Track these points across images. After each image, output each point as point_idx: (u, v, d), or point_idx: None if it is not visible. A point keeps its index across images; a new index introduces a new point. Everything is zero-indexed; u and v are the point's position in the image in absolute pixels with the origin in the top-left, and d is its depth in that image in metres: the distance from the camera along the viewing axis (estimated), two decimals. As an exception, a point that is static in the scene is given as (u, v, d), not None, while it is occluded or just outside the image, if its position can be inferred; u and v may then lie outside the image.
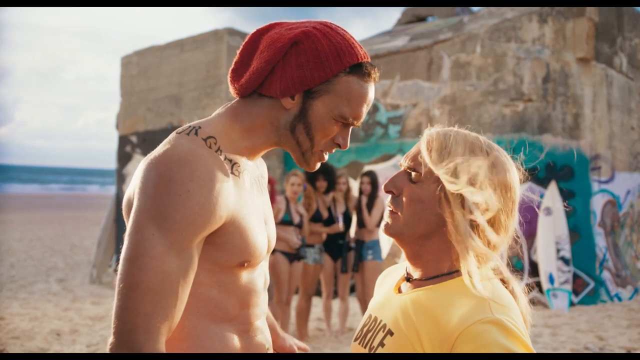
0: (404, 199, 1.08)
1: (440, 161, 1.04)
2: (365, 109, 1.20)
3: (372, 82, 1.20)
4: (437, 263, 1.07)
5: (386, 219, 1.12)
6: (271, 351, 1.27)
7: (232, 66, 1.23)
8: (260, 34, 1.21)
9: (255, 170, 1.28)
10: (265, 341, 1.24)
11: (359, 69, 1.17)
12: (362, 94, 1.18)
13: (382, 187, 1.13)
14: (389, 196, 1.12)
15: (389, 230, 1.10)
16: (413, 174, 1.08)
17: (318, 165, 1.25)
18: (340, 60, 1.15)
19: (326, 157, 1.24)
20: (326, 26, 1.19)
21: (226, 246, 1.12)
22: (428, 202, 1.05)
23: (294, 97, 1.17)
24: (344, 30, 1.20)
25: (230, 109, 1.23)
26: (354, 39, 1.20)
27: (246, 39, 1.23)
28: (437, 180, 1.04)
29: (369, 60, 1.20)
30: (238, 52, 1.23)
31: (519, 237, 1.13)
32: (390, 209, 1.10)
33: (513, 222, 1.07)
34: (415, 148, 1.12)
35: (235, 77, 1.22)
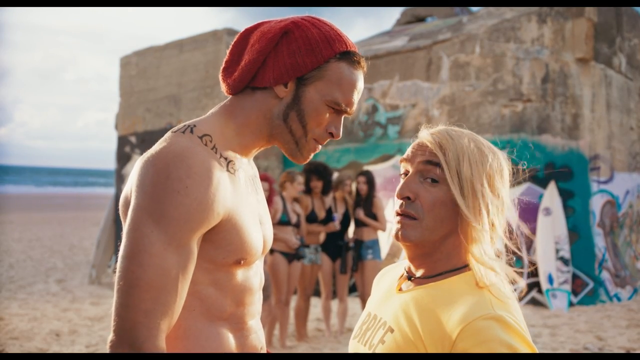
0: (421, 203, 1.06)
1: (457, 164, 1.04)
2: (356, 96, 1.22)
3: (361, 70, 1.23)
4: (446, 261, 1.07)
5: (400, 225, 1.08)
6: (264, 351, 1.27)
7: (223, 65, 1.25)
8: (249, 32, 1.23)
9: (249, 170, 1.29)
10: (258, 341, 1.24)
11: (349, 56, 1.20)
12: (353, 80, 1.21)
13: (396, 194, 1.09)
14: (389, 199, 1.11)
15: (408, 238, 1.06)
16: (430, 177, 1.06)
17: (310, 157, 1.25)
18: (330, 47, 1.18)
19: (319, 148, 1.25)
20: (314, 18, 1.22)
21: (223, 243, 1.12)
22: (450, 203, 1.05)
23: (287, 85, 1.19)
24: (331, 23, 1.24)
25: (224, 107, 1.24)
26: (341, 30, 1.23)
27: (235, 38, 1.25)
28: (458, 180, 1.04)
29: (357, 50, 1.23)
30: (228, 51, 1.25)
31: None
32: (409, 215, 1.07)
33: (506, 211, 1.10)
34: (419, 150, 1.09)
35: (227, 74, 1.24)
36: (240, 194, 1.18)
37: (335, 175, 6.55)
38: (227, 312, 1.17)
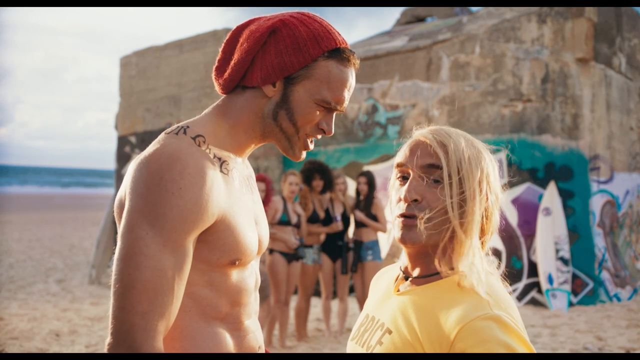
0: (428, 204, 1.05)
1: (459, 164, 1.04)
2: (346, 94, 1.21)
3: (351, 67, 1.22)
4: (446, 261, 1.06)
5: (406, 228, 1.07)
6: (262, 351, 1.27)
7: (216, 64, 1.24)
8: (240, 29, 1.23)
9: (244, 170, 1.29)
10: (256, 341, 1.24)
11: (338, 54, 1.19)
12: (342, 78, 1.19)
13: (402, 197, 1.08)
14: (389, 202, 1.11)
15: (418, 240, 1.05)
16: (433, 177, 1.06)
17: (304, 154, 1.25)
18: (318, 45, 1.17)
19: (312, 145, 1.25)
20: (303, 14, 1.21)
21: (217, 244, 1.12)
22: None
23: (275, 85, 1.18)
24: (322, 18, 1.22)
25: (217, 107, 1.24)
26: (331, 26, 1.22)
27: (227, 36, 1.24)
28: (459, 182, 1.04)
29: (348, 46, 1.21)
30: (220, 50, 1.24)
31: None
32: (417, 217, 1.05)
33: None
34: (418, 150, 1.09)
35: (219, 73, 1.23)
36: (235, 194, 1.18)
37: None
38: (223, 312, 1.17)
